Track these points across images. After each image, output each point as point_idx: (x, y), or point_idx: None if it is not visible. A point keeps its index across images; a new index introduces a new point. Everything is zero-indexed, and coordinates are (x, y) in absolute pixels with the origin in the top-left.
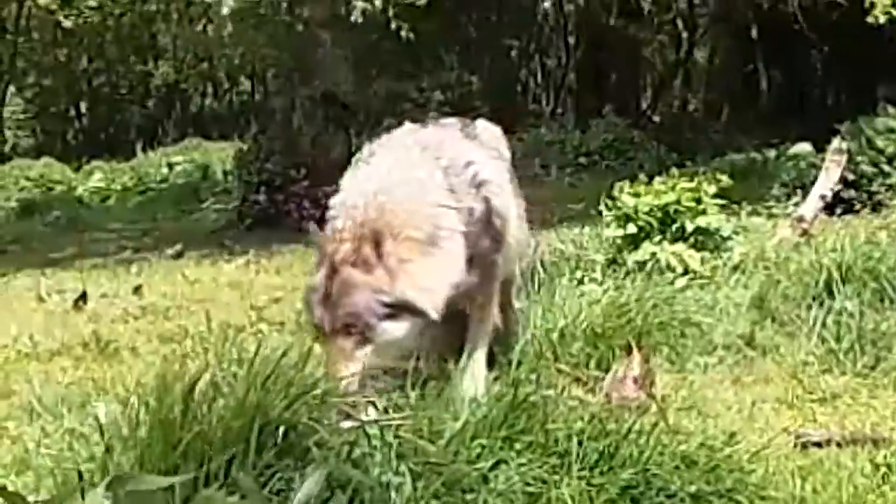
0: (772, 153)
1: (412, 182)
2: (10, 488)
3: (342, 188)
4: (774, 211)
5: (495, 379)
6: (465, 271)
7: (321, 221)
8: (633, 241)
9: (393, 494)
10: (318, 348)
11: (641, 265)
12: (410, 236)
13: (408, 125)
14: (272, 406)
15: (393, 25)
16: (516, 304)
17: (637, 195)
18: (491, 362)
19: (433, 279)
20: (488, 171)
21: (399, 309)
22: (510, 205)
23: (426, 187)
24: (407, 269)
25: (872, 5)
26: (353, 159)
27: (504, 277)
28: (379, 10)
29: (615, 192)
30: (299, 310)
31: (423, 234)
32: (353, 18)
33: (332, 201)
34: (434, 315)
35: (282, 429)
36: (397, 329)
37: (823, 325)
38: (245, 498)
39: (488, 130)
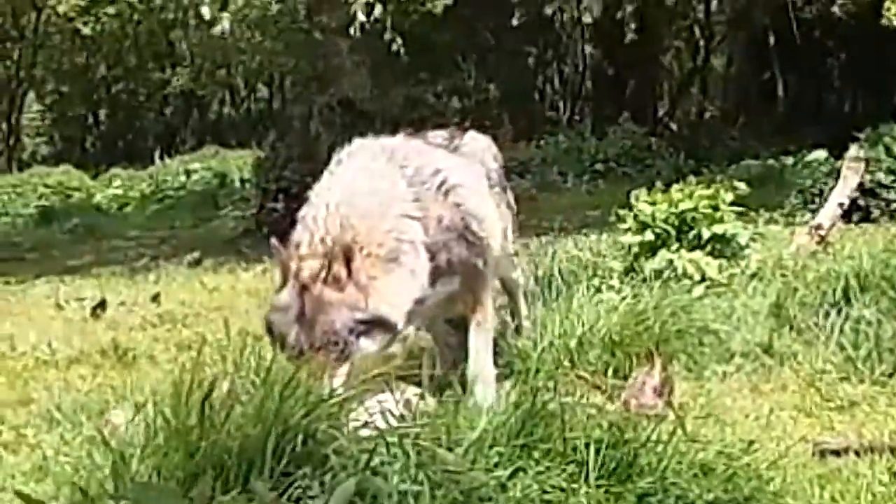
0: (789, 160)
1: (374, 193)
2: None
3: (309, 200)
4: (791, 218)
5: (513, 387)
6: (427, 285)
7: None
8: (651, 249)
9: (412, 503)
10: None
11: (659, 273)
12: (372, 252)
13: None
14: (290, 414)
15: (388, 36)
16: (524, 311)
17: (654, 203)
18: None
19: (397, 294)
20: (458, 176)
21: (371, 325)
22: (488, 208)
23: (388, 198)
24: (374, 286)
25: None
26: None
27: (505, 281)
28: (389, 17)
29: (632, 200)
30: None
31: (384, 249)
32: (360, 24)
33: (299, 213)
34: (401, 327)
35: (300, 437)
36: (371, 345)
37: (841, 332)
38: None
39: (475, 140)
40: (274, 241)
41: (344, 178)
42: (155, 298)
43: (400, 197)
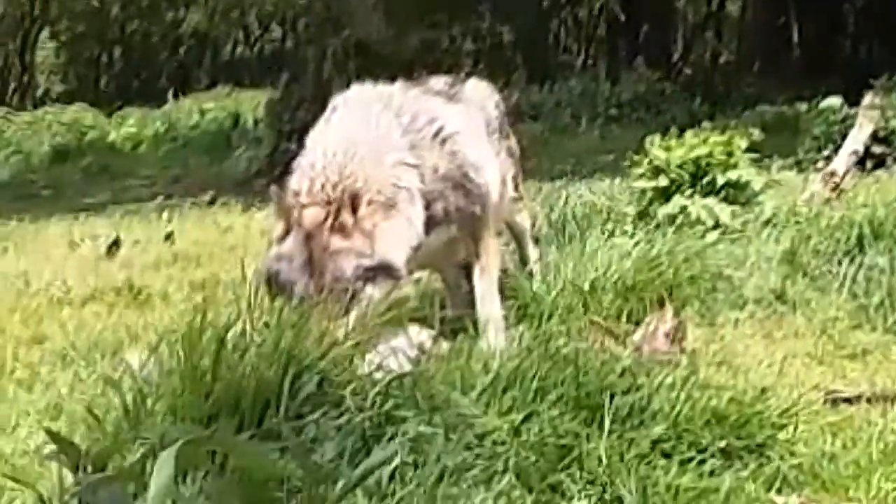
0: (803, 107)
1: (371, 142)
2: (44, 434)
3: (306, 147)
4: (805, 165)
5: (526, 330)
6: (422, 234)
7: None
8: (664, 195)
9: (425, 446)
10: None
11: (672, 218)
12: (373, 199)
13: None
14: (305, 355)
15: None
16: (532, 255)
17: (668, 148)
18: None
19: (396, 241)
20: (455, 125)
21: (377, 271)
22: (486, 156)
23: (384, 146)
24: (378, 233)
25: None
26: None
27: (511, 226)
28: None
29: (647, 145)
30: None
31: (384, 196)
32: None
33: (296, 162)
34: (403, 275)
35: (315, 378)
36: (377, 292)
37: (854, 280)
38: (285, 448)
39: (476, 88)
40: (274, 187)
41: (340, 126)
42: (168, 237)
43: (396, 145)
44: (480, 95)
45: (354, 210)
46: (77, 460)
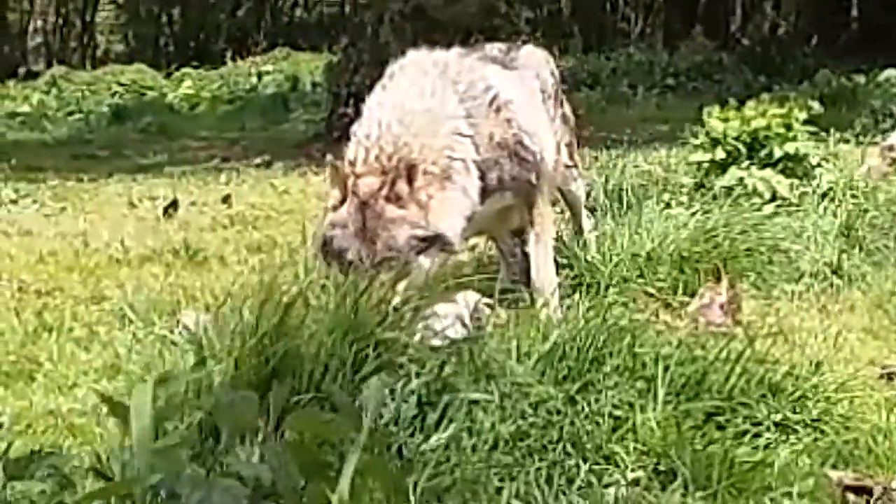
0: (861, 79)
1: (426, 111)
2: (101, 393)
3: (362, 114)
4: (862, 138)
5: (581, 300)
6: (478, 203)
7: None
8: (721, 166)
9: (480, 414)
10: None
11: (729, 190)
12: (428, 170)
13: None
14: (364, 321)
15: None
16: (587, 225)
17: (726, 120)
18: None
19: (451, 212)
20: (510, 92)
21: (430, 242)
22: (541, 123)
23: (440, 116)
24: (432, 204)
25: None
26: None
27: (565, 194)
28: None
29: (704, 116)
30: None
31: (438, 167)
32: None
33: (352, 129)
34: (457, 247)
35: (373, 344)
36: (428, 262)
37: None
38: (339, 412)
39: (532, 54)
40: (329, 156)
41: (395, 94)
42: (225, 200)
43: (451, 114)
44: (536, 61)
45: (410, 181)
46: (128, 420)
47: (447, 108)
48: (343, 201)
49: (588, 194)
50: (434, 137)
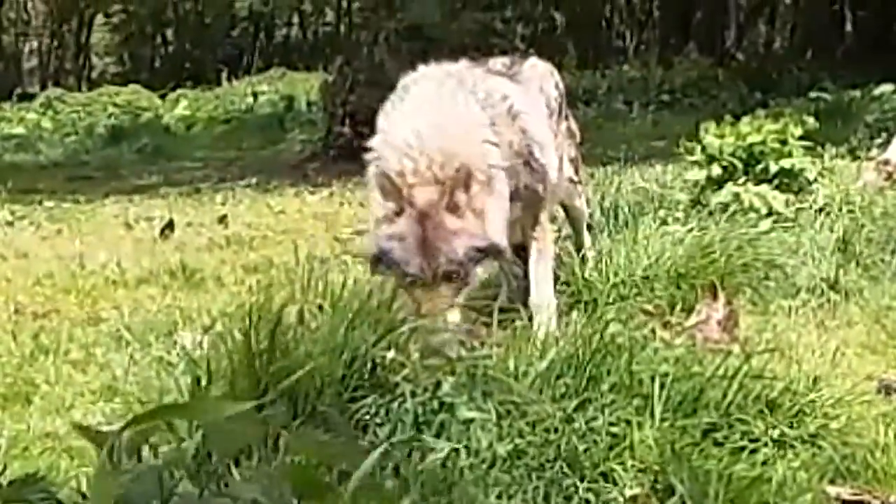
0: (856, 94)
1: (458, 120)
2: (98, 415)
3: (381, 129)
4: (858, 153)
5: (579, 317)
6: (510, 207)
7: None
8: (717, 182)
9: (478, 433)
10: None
11: (725, 206)
12: (479, 179)
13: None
14: (359, 341)
15: None
16: (587, 241)
17: (722, 136)
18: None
19: (500, 220)
20: (522, 103)
21: (486, 252)
22: (548, 136)
23: (470, 124)
24: (485, 213)
25: None
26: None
27: (568, 209)
28: None
29: (700, 133)
30: None
31: (484, 175)
32: None
33: (373, 142)
34: (509, 255)
35: (368, 364)
36: (483, 273)
37: None
38: (335, 433)
39: (535, 67)
40: (376, 169)
41: (420, 104)
42: (222, 220)
43: (479, 122)
44: (540, 75)
45: (467, 188)
46: (109, 449)
47: (474, 115)
48: (399, 213)
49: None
50: (473, 145)
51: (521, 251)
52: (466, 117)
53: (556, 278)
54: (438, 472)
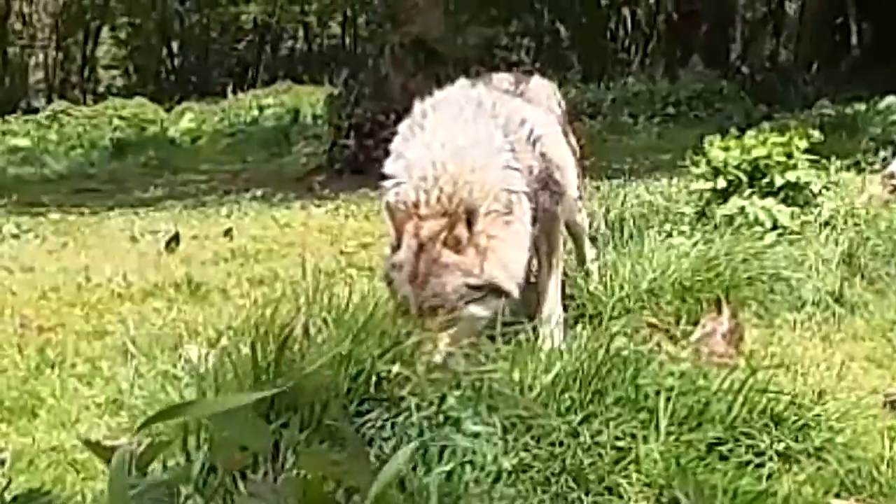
0: (861, 107)
1: (477, 146)
2: (104, 429)
3: (398, 153)
4: (863, 166)
5: (583, 330)
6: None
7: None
8: (723, 195)
9: (483, 446)
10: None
11: (730, 219)
12: (492, 209)
13: (460, 82)
14: (365, 355)
15: None
16: (589, 255)
17: (727, 149)
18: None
19: (515, 253)
20: (542, 127)
21: (485, 290)
22: (567, 157)
23: (491, 150)
24: (494, 248)
25: None
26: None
27: (570, 225)
28: None
29: (705, 146)
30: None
31: (501, 204)
32: None
33: (391, 167)
34: (517, 293)
35: (374, 378)
36: (482, 311)
37: None
38: (344, 448)
39: (540, 85)
40: (389, 201)
41: (438, 130)
42: (227, 233)
43: (500, 147)
44: (546, 94)
45: (470, 225)
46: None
47: (495, 141)
48: (399, 244)
49: (590, 225)
50: (491, 172)
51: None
52: (485, 144)
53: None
54: (444, 486)
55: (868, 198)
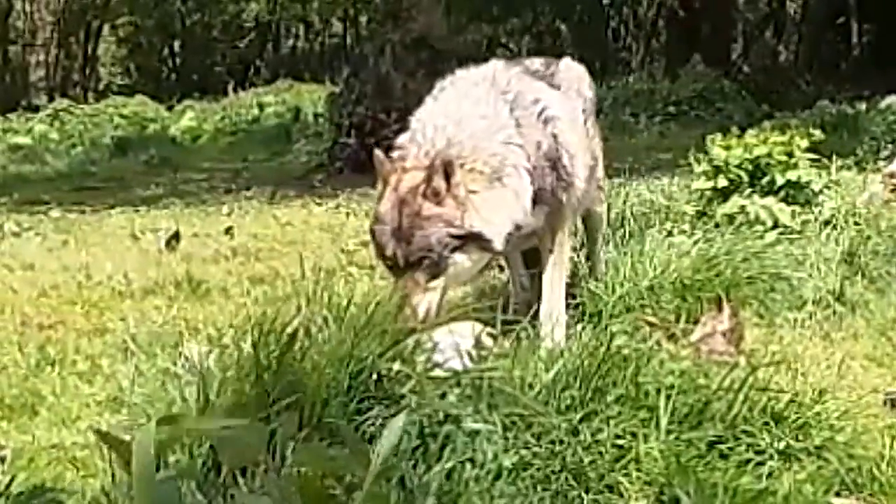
0: (862, 106)
1: (479, 118)
2: (104, 426)
3: (411, 125)
4: (864, 165)
5: (583, 329)
6: (530, 210)
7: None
8: (723, 194)
9: (483, 445)
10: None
11: (731, 218)
12: (476, 168)
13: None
14: (365, 353)
15: None
16: (601, 252)
17: (728, 148)
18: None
19: (497, 213)
20: (557, 108)
21: (467, 240)
22: (580, 145)
23: (493, 123)
24: (473, 201)
25: None
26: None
27: (590, 215)
28: None
29: (706, 145)
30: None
31: (489, 168)
32: None
33: (401, 138)
34: (499, 247)
35: (374, 376)
36: (466, 260)
37: None
38: (343, 445)
39: (571, 69)
40: (378, 151)
41: (449, 102)
42: (228, 231)
43: (504, 123)
44: (576, 77)
45: (447, 176)
46: (127, 457)
47: (500, 117)
48: (383, 195)
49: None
50: (488, 142)
51: (531, 260)
52: (490, 118)
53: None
54: (444, 484)
55: (869, 197)
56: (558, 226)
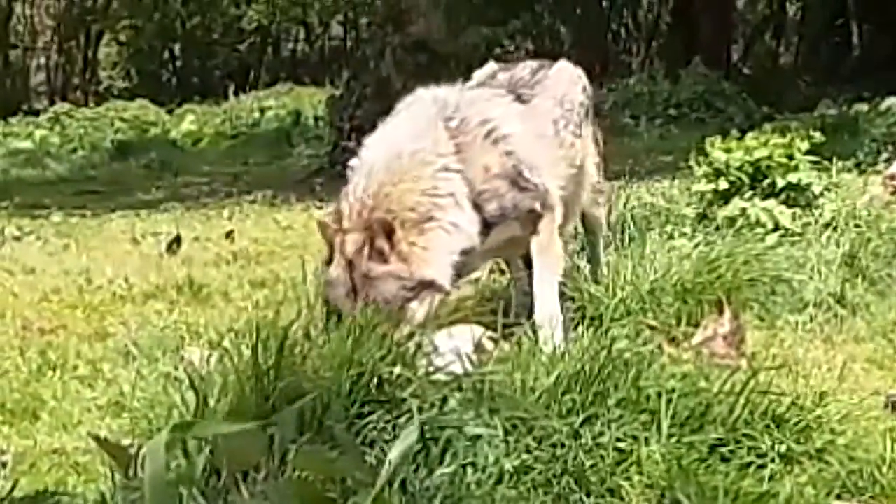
0: (863, 108)
1: (413, 155)
2: (106, 431)
3: (360, 154)
4: (865, 167)
5: (584, 333)
6: (475, 233)
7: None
8: (724, 197)
9: (484, 448)
10: None
11: (731, 221)
12: (407, 218)
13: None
14: (365, 357)
15: None
16: (602, 256)
17: (728, 150)
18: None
19: (437, 252)
20: (512, 125)
21: (419, 288)
22: (544, 155)
23: (427, 155)
24: (415, 251)
25: None
26: None
27: (587, 218)
28: None
29: (706, 147)
30: None
31: (416, 213)
32: None
33: (351, 162)
34: (448, 287)
35: (374, 380)
36: (420, 307)
37: None
38: (341, 450)
39: (562, 73)
40: (321, 217)
41: (390, 135)
42: (229, 235)
43: (439, 151)
44: (567, 81)
45: (389, 236)
46: (126, 463)
47: (438, 147)
48: (330, 260)
49: (609, 223)
50: (417, 181)
51: (529, 265)
52: (424, 150)
53: (562, 294)
54: (445, 488)
55: (869, 199)
56: (541, 231)
